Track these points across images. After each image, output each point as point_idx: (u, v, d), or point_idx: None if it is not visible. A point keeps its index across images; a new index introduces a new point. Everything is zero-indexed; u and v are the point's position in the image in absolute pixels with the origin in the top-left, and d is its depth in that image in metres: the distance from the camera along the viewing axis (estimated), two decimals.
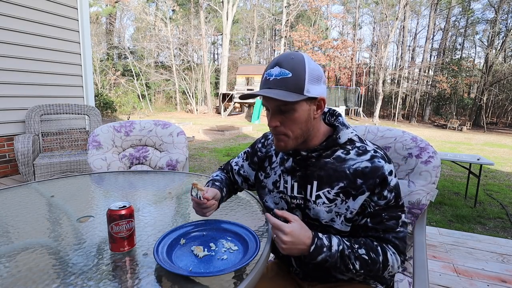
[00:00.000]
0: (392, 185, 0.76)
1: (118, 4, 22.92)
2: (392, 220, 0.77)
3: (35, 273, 0.64)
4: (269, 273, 0.99)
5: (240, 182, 1.04)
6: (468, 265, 1.97)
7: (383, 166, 0.75)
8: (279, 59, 0.74)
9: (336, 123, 0.83)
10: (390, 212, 0.77)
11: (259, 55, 32.58)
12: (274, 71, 0.73)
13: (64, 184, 1.28)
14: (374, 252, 0.74)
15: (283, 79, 0.71)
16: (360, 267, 0.73)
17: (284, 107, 0.74)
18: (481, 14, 25.00)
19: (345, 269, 0.73)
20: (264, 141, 0.99)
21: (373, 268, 0.73)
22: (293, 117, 0.75)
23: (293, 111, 0.74)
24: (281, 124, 0.76)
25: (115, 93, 16.53)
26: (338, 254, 0.72)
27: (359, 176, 0.76)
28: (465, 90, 24.97)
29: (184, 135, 1.87)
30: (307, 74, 0.72)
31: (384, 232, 0.77)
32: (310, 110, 0.76)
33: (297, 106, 0.74)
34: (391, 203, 0.77)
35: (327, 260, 0.72)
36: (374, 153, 0.77)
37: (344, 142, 0.80)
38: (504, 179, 5.19)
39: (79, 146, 3.71)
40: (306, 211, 0.82)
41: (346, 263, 0.72)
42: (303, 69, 0.72)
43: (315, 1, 23.90)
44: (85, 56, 3.94)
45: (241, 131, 10.77)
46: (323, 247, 0.71)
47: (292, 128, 0.76)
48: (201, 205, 0.82)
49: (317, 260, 0.71)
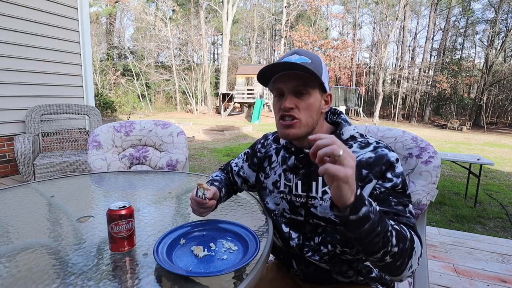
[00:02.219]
0: (398, 171, 0.74)
1: (118, 4, 22.93)
2: (400, 206, 0.71)
3: (35, 273, 0.64)
4: (268, 274, 0.98)
5: (240, 183, 1.03)
6: (468, 265, 1.97)
7: (387, 154, 0.75)
8: (297, 50, 0.79)
9: (339, 120, 0.84)
10: (398, 198, 0.72)
11: (259, 55, 32.59)
12: (293, 57, 0.76)
13: (64, 184, 1.28)
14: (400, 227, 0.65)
15: (303, 63, 0.73)
16: (396, 242, 0.60)
17: (303, 88, 0.75)
18: (481, 14, 25.04)
19: (382, 240, 0.59)
20: (264, 142, 0.98)
21: (404, 247, 0.62)
22: (308, 102, 0.76)
23: (308, 96, 0.76)
24: (296, 107, 0.76)
25: (115, 93, 16.54)
26: (379, 214, 0.60)
27: (363, 167, 0.75)
28: (465, 90, 24.97)
29: (184, 135, 1.87)
30: (323, 66, 0.77)
31: (396, 216, 0.70)
32: (321, 101, 0.79)
33: (312, 92, 0.76)
34: (398, 189, 0.73)
35: (370, 217, 0.57)
36: (376, 144, 0.78)
37: (347, 139, 0.80)
38: (504, 179, 5.19)
39: (79, 146, 3.71)
40: (311, 210, 0.81)
41: (386, 230, 0.59)
42: (320, 61, 0.77)
43: (315, 1, 23.91)
44: (85, 56, 3.94)
45: (241, 131, 10.77)
46: (365, 199, 0.58)
47: (306, 114, 0.76)
48: (202, 205, 0.81)
49: (359, 214, 0.57)
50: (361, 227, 0.58)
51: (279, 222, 0.89)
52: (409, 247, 0.63)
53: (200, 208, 0.83)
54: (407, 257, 0.63)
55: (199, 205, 0.82)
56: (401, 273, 0.65)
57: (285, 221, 0.88)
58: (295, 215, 0.85)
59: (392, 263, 0.63)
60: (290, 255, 0.90)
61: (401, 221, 0.68)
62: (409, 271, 0.65)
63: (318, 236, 0.82)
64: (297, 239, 0.85)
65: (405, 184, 0.75)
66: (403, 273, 0.65)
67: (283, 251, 0.93)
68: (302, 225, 0.84)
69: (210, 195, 0.81)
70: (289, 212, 0.86)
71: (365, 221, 0.57)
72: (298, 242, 0.85)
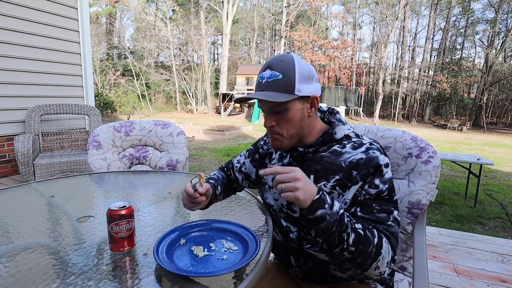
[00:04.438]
0: (386, 177, 0.75)
1: (118, 4, 22.93)
2: (383, 213, 0.74)
3: (35, 273, 0.64)
4: (268, 273, 0.99)
5: (241, 179, 1.05)
6: (468, 265, 1.97)
7: (377, 157, 0.75)
8: (270, 62, 0.77)
9: (332, 119, 0.86)
10: (382, 205, 0.74)
11: (259, 55, 32.59)
12: (266, 73, 0.77)
13: (64, 184, 1.28)
14: (370, 232, 0.70)
15: (274, 81, 0.74)
16: (353, 243, 0.68)
17: (277, 107, 0.76)
18: (481, 14, 25.04)
19: (338, 238, 0.67)
20: (266, 139, 1.01)
21: (365, 249, 0.68)
22: (287, 117, 0.77)
23: (286, 111, 0.77)
24: (276, 124, 0.79)
25: (115, 93, 16.53)
26: (337, 216, 0.67)
27: (354, 167, 0.76)
28: (465, 90, 24.97)
29: (184, 135, 1.87)
30: (297, 74, 0.74)
31: (374, 223, 0.73)
32: (303, 109, 0.78)
33: (290, 106, 0.76)
34: (383, 195, 0.75)
35: (325, 218, 0.66)
36: (369, 146, 0.78)
37: (341, 138, 0.81)
38: (504, 179, 5.19)
39: (79, 146, 3.71)
40: None
41: (341, 231, 0.67)
42: (293, 69, 0.74)
43: (315, 1, 23.92)
44: (85, 56, 3.94)
45: (241, 131, 10.77)
46: (325, 203, 0.67)
47: (287, 127, 0.78)
48: (192, 198, 0.82)
49: (315, 214, 0.66)
50: (317, 225, 0.68)
51: (278, 217, 0.91)
52: (372, 251, 0.69)
53: (190, 202, 0.83)
54: (370, 259, 0.70)
55: (189, 198, 0.82)
56: (366, 270, 0.72)
57: (284, 216, 0.90)
58: (291, 211, 0.87)
59: (352, 259, 0.71)
60: (289, 249, 0.92)
61: (378, 229, 0.73)
62: (375, 271, 0.72)
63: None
64: (296, 232, 0.87)
65: (392, 190, 0.77)
66: (367, 270, 0.72)
67: (283, 246, 0.94)
68: (298, 220, 0.86)
69: (202, 191, 0.81)
70: (286, 208, 0.88)
71: (321, 221, 0.67)
72: (297, 235, 0.87)
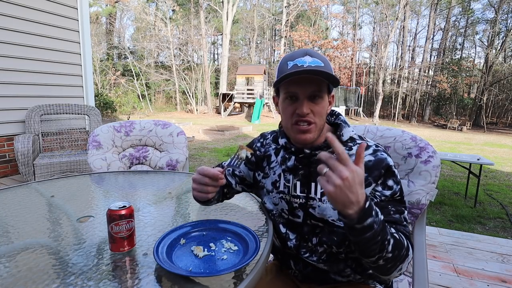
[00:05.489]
0: (397, 177, 0.76)
1: (118, 4, 22.93)
2: (397, 214, 0.75)
3: (35, 273, 0.64)
4: (268, 273, 0.98)
5: (234, 183, 0.98)
6: (468, 265, 1.97)
7: (386, 158, 0.76)
8: (307, 50, 0.77)
9: (338, 121, 0.85)
10: (396, 206, 0.75)
11: (259, 55, 32.60)
12: (307, 59, 0.74)
13: (64, 184, 1.28)
14: (400, 234, 0.69)
15: (318, 67, 0.72)
16: (391, 249, 0.64)
17: (319, 93, 0.75)
18: (481, 14, 25.07)
19: (380, 247, 0.63)
20: (262, 141, 0.97)
21: (400, 253, 0.66)
22: (321, 106, 0.76)
23: (321, 100, 0.76)
24: (311, 112, 0.76)
25: (115, 93, 16.53)
26: (382, 224, 0.62)
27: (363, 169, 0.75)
28: (465, 90, 24.98)
29: (184, 135, 1.87)
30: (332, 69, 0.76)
31: (394, 224, 0.73)
32: (328, 103, 0.79)
33: (324, 95, 0.76)
34: (396, 196, 0.75)
35: (373, 227, 0.60)
36: (376, 147, 0.79)
37: (346, 140, 0.81)
38: (504, 179, 5.19)
39: (79, 146, 3.71)
40: (309, 211, 0.81)
41: (384, 238, 0.62)
42: (328, 62, 0.76)
43: (315, 1, 23.93)
44: (85, 56, 3.94)
45: (241, 131, 10.77)
46: (372, 210, 0.60)
47: (319, 117, 0.77)
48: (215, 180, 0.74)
49: (365, 223, 0.59)
50: (363, 235, 0.61)
51: (277, 222, 0.89)
52: (404, 254, 0.67)
53: (208, 185, 0.75)
54: (399, 262, 0.68)
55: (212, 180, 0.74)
56: (390, 274, 0.69)
57: (283, 222, 0.88)
58: (292, 216, 0.85)
59: (384, 266, 0.67)
60: (287, 255, 0.91)
61: (400, 230, 0.72)
62: (398, 272, 0.70)
63: (316, 237, 0.83)
64: (295, 239, 0.86)
65: (402, 190, 0.78)
66: (392, 274, 0.69)
67: (281, 251, 0.93)
68: (300, 226, 0.84)
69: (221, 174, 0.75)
70: (287, 213, 0.86)
71: (369, 230, 0.60)
72: (296, 243, 0.85)
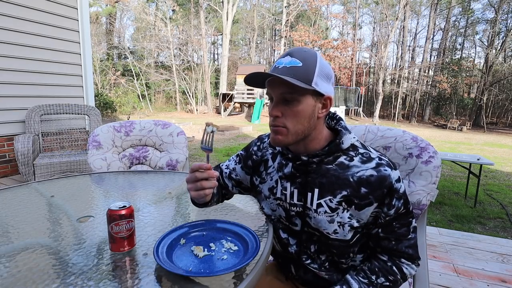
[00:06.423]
0: (401, 193, 0.74)
1: (118, 4, 22.92)
2: (403, 228, 0.76)
3: (35, 273, 0.64)
4: (268, 274, 0.98)
5: (231, 186, 0.97)
6: (468, 265, 1.97)
7: (389, 175, 0.72)
8: (291, 50, 0.73)
9: (338, 127, 0.79)
10: (401, 220, 0.76)
11: (259, 55, 32.60)
12: (285, 60, 0.71)
13: (64, 184, 1.28)
14: (392, 274, 0.76)
15: (293, 67, 0.69)
16: None
17: (288, 95, 0.70)
18: (481, 14, 25.05)
19: None
20: (260, 144, 0.94)
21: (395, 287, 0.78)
22: (296, 109, 0.71)
23: (297, 103, 0.71)
24: (282, 115, 0.72)
25: (115, 93, 16.52)
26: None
27: (363, 184, 0.73)
28: (465, 90, 24.98)
29: (184, 135, 1.87)
30: (317, 67, 0.70)
31: (396, 241, 0.76)
32: (315, 107, 0.73)
33: (302, 98, 0.70)
34: (401, 211, 0.75)
35: None
36: (379, 161, 0.74)
37: (347, 148, 0.76)
38: (504, 179, 5.19)
39: (79, 146, 3.71)
40: (306, 219, 0.80)
41: None
42: (314, 61, 0.70)
43: (315, 1, 23.92)
44: (85, 56, 3.94)
45: (241, 131, 10.77)
46: None
47: (294, 121, 0.72)
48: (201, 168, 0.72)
49: None
50: None
51: (277, 227, 0.88)
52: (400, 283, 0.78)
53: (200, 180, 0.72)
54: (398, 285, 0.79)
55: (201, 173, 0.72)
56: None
57: (283, 227, 0.87)
58: (290, 224, 0.84)
59: None
60: (288, 260, 0.90)
61: (399, 250, 0.77)
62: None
63: (314, 244, 0.82)
64: (295, 245, 0.85)
65: (407, 201, 0.76)
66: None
67: (282, 256, 0.92)
68: (299, 233, 0.84)
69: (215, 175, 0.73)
70: (285, 220, 0.85)
71: None
72: (296, 249, 0.85)
